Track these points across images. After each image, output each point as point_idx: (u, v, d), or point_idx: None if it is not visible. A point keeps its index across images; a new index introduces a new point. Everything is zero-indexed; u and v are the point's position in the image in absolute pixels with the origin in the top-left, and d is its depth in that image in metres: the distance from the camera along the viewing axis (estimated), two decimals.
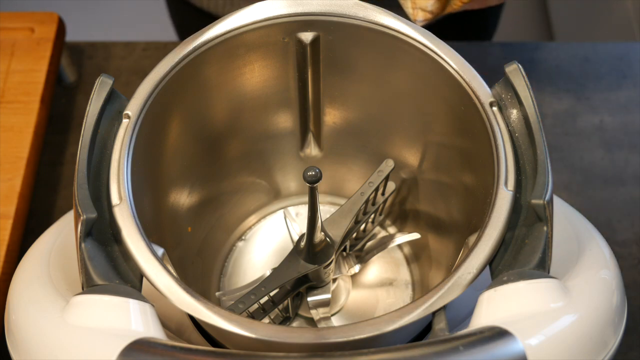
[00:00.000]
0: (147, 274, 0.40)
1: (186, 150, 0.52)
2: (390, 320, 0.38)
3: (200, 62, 0.48)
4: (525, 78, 0.45)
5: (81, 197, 0.42)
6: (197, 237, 0.57)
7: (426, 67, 0.48)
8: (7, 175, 0.64)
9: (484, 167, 0.45)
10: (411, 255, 0.61)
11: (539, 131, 0.44)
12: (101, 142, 0.45)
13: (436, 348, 0.35)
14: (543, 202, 0.41)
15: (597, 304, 0.40)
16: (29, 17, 0.73)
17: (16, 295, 0.43)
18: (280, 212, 0.64)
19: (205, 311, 0.39)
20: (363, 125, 0.56)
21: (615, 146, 0.72)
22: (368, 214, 0.57)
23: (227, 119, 0.54)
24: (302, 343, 0.38)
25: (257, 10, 0.48)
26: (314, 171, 0.42)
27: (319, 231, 0.48)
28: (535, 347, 0.36)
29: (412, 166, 0.56)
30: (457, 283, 0.39)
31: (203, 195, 0.56)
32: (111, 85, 0.45)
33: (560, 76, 0.76)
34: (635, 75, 0.76)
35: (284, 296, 0.53)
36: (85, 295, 0.39)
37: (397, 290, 0.60)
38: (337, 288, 0.58)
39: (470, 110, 0.46)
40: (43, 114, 0.69)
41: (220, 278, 0.61)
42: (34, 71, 0.70)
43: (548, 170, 0.42)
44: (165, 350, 0.36)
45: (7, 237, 0.61)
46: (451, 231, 0.54)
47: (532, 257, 0.40)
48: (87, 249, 0.40)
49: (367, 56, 0.50)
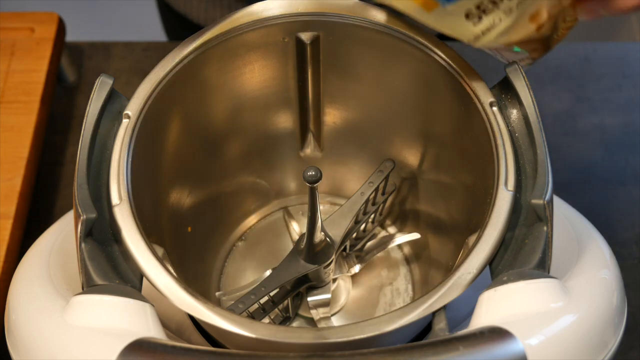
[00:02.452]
0: (147, 274, 0.40)
1: (186, 150, 0.52)
2: (390, 320, 0.38)
3: (200, 62, 0.48)
4: (525, 78, 0.45)
5: (81, 197, 0.42)
6: (197, 237, 0.57)
7: (426, 67, 0.48)
8: (7, 175, 0.64)
9: (484, 167, 0.45)
10: (411, 255, 0.61)
11: (539, 131, 0.44)
12: (101, 142, 0.45)
13: (436, 348, 0.35)
14: (543, 202, 0.41)
15: (597, 304, 0.40)
16: (29, 17, 0.73)
17: (16, 295, 0.43)
18: (280, 212, 0.64)
19: (205, 311, 0.39)
20: (363, 125, 0.56)
21: (615, 146, 0.72)
22: (368, 214, 0.57)
23: (227, 119, 0.54)
24: (302, 343, 0.38)
25: (257, 10, 0.48)
26: (314, 171, 0.42)
27: (319, 231, 0.48)
28: (535, 347, 0.36)
29: (412, 166, 0.56)
30: (457, 283, 0.39)
31: (203, 195, 0.56)
32: (111, 85, 0.45)
33: (560, 76, 0.76)
34: (635, 75, 0.76)
35: (284, 296, 0.53)
36: (85, 295, 0.39)
37: (397, 290, 0.60)
38: (337, 288, 0.58)
39: (470, 110, 0.46)
40: (43, 114, 0.69)
41: (220, 278, 0.61)
42: (34, 71, 0.70)
43: (548, 170, 0.42)
44: (165, 350, 0.36)
45: (7, 237, 0.61)
46: (451, 231, 0.54)
47: (532, 257, 0.40)
48: (87, 249, 0.40)
49: (367, 56, 0.50)
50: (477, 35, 0.43)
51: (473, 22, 0.42)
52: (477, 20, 0.42)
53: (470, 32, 0.43)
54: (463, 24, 0.42)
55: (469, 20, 0.42)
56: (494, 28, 0.43)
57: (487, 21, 0.43)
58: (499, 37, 0.43)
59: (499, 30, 0.43)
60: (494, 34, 0.43)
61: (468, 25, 0.42)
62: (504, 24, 0.43)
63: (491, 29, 0.43)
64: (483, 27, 0.43)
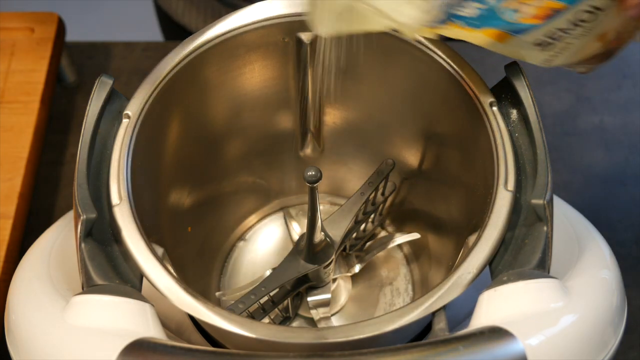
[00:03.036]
0: (147, 274, 0.40)
1: (186, 150, 0.52)
2: (390, 320, 0.38)
3: (200, 62, 0.48)
4: (525, 78, 0.45)
5: (81, 197, 0.42)
6: (197, 237, 0.57)
7: (426, 67, 0.48)
8: (7, 175, 0.64)
9: (484, 167, 0.45)
10: (411, 255, 0.61)
11: (539, 131, 0.44)
12: (101, 142, 0.45)
13: (436, 348, 0.35)
14: (543, 202, 0.41)
15: (597, 304, 0.40)
16: (29, 17, 0.73)
17: (16, 295, 0.43)
18: (280, 212, 0.64)
19: (205, 311, 0.39)
20: (363, 125, 0.56)
21: (615, 146, 0.72)
22: (368, 214, 0.57)
23: (227, 119, 0.54)
24: (302, 343, 0.38)
25: (257, 10, 0.48)
26: (314, 171, 0.42)
27: (319, 231, 0.48)
28: (535, 347, 0.36)
29: (412, 166, 0.56)
30: (457, 283, 0.39)
31: (203, 195, 0.56)
32: (111, 85, 0.45)
33: (560, 76, 0.76)
34: (635, 75, 0.76)
35: (284, 296, 0.53)
36: (85, 295, 0.39)
37: (397, 290, 0.60)
38: (337, 288, 0.58)
39: (470, 110, 0.46)
40: (43, 114, 0.69)
41: (220, 278, 0.61)
42: (34, 71, 0.70)
43: (548, 170, 0.42)
44: (165, 350, 0.36)
45: (7, 237, 0.61)
46: (451, 231, 0.54)
47: (532, 257, 0.40)
48: (87, 249, 0.40)
49: (367, 56, 0.50)
50: (547, 59, 0.44)
51: (542, 48, 0.43)
52: (547, 46, 0.43)
53: (539, 57, 0.44)
54: (533, 51, 0.43)
55: (538, 47, 0.43)
56: (563, 52, 0.44)
57: (557, 47, 0.43)
58: (567, 59, 0.44)
59: (568, 53, 0.44)
60: (562, 57, 0.44)
61: (537, 51, 0.43)
62: (573, 48, 0.44)
63: (560, 53, 0.44)
64: (553, 52, 0.44)
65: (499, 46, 0.43)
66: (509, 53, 0.44)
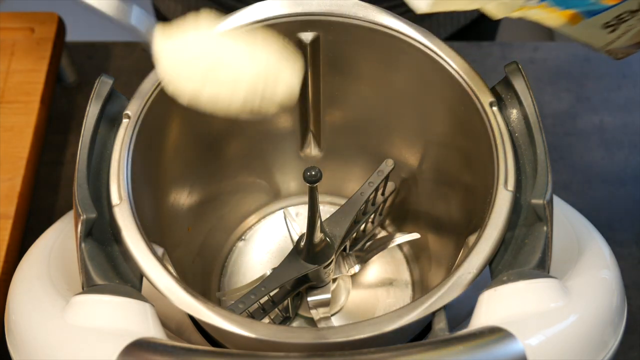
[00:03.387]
0: (147, 274, 0.40)
1: (186, 150, 0.52)
2: (390, 320, 0.38)
3: None
4: (525, 78, 0.45)
5: (81, 197, 0.42)
6: (197, 237, 0.57)
7: (426, 67, 0.48)
8: (7, 175, 0.64)
9: (484, 167, 0.45)
10: (411, 255, 0.61)
11: (539, 131, 0.44)
12: (101, 142, 0.45)
13: (436, 348, 0.35)
14: (543, 202, 0.41)
15: (597, 304, 0.40)
16: (29, 17, 0.73)
17: (16, 295, 0.43)
18: (280, 212, 0.64)
19: (205, 311, 0.39)
20: (363, 125, 0.56)
21: (615, 146, 0.72)
22: (368, 214, 0.57)
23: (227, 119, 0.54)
24: (302, 343, 0.38)
25: (258, 10, 0.48)
26: (314, 171, 0.42)
27: (319, 231, 0.48)
28: (535, 347, 0.36)
29: (412, 166, 0.56)
30: (457, 283, 0.39)
31: (203, 195, 0.56)
32: (111, 85, 0.45)
33: (560, 76, 0.76)
34: (635, 75, 0.76)
35: (284, 296, 0.53)
36: (85, 295, 0.39)
37: (397, 290, 0.60)
38: (337, 288, 0.58)
39: (470, 110, 0.46)
40: (43, 114, 0.69)
41: (220, 278, 0.61)
42: (34, 71, 0.70)
43: (548, 170, 0.42)
44: (165, 350, 0.36)
45: (7, 237, 0.61)
46: (451, 231, 0.54)
47: (532, 257, 0.40)
48: (87, 249, 0.40)
49: (367, 56, 0.50)
50: (611, 41, 0.46)
51: (609, 31, 0.45)
52: (613, 28, 0.44)
53: (604, 39, 0.46)
54: (599, 33, 0.45)
55: (606, 29, 0.44)
56: (626, 34, 0.45)
57: (622, 28, 0.45)
58: (628, 40, 0.46)
59: (630, 35, 0.45)
60: (624, 38, 0.46)
61: (604, 33, 0.45)
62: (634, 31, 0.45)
63: (623, 35, 0.45)
64: (618, 33, 0.45)
65: (569, 28, 0.44)
66: (576, 34, 0.45)
